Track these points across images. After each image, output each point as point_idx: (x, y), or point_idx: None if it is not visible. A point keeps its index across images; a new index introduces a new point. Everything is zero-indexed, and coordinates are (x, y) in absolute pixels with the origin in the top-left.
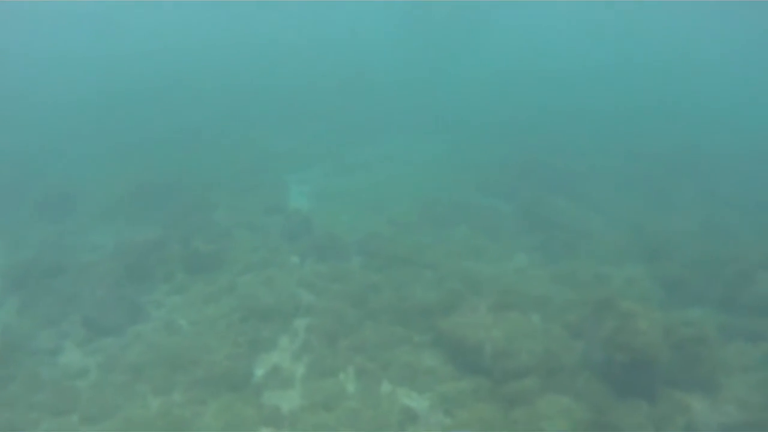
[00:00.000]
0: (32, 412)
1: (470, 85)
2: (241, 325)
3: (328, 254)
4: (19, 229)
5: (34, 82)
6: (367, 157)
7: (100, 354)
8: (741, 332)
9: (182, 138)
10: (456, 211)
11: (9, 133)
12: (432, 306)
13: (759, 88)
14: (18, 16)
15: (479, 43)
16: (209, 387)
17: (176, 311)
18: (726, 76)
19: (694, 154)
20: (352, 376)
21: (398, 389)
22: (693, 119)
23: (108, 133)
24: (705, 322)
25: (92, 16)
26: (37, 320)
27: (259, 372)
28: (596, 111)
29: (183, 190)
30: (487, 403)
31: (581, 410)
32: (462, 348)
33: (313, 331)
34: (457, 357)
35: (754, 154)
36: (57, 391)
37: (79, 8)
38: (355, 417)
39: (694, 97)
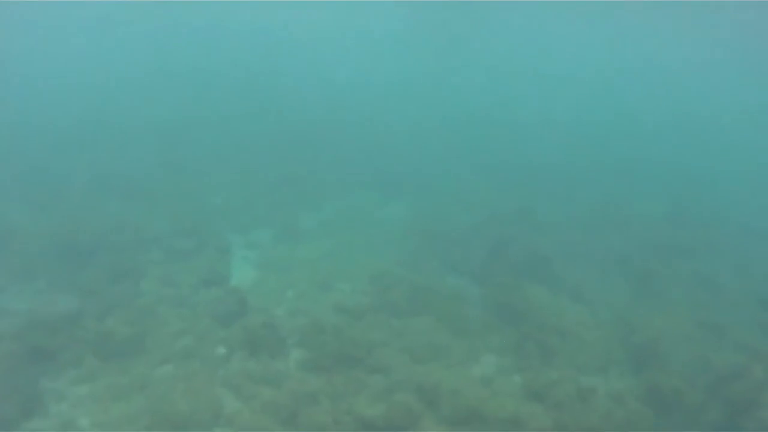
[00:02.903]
0: None
1: (432, 138)
2: None
3: (262, 347)
4: None
5: None
6: (323, 218)
7: None
8: None
9: (116, 188)
10: (416, 295)
11: None
12: (377, 426)
13: None
14: None
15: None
16: None
17: (79, 407)
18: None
19: (689, 228)
20: None
21: None
22: (690, 182)
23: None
24: None
25: None
26: None
27: None
28: (575, 167)
29: (111, 251)
30: None
31: None
32: None
33: None
34: None
35: (756, 232)
36: None
37: None
38: None
39: (695, 155)
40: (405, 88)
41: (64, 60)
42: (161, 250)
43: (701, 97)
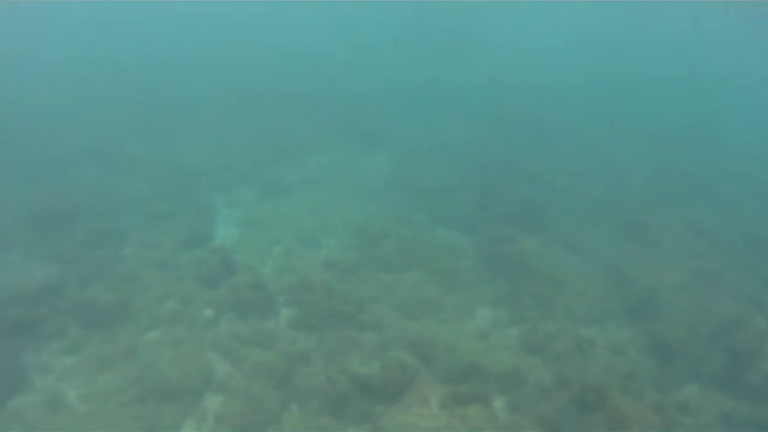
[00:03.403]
0: None
1: (416, 92)
2: (137, 406)
3: (251, 307)
4: None
5: None
6: (306, 173)
7: None
8: (746, 422)
9: (91, 155)
10: (405, 248)
11: None
12: (372, 385)
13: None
14: None
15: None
16: None
17: (65, 379)
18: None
19: (676, 175)
20: None
21: None
22: (680, 134)
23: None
24: (705, 407)
25: None
26: None
27: None
28: (561, 114)
29: (89, 217)
30: None
31: None
32: None
33: (224, 418)
34: None
35: (745, 180)
36: None
37: None
38: None
39: (691, 110)
40: (389, 42)
41: (43, 34)
42: (141, 213)
43: (698, 47)
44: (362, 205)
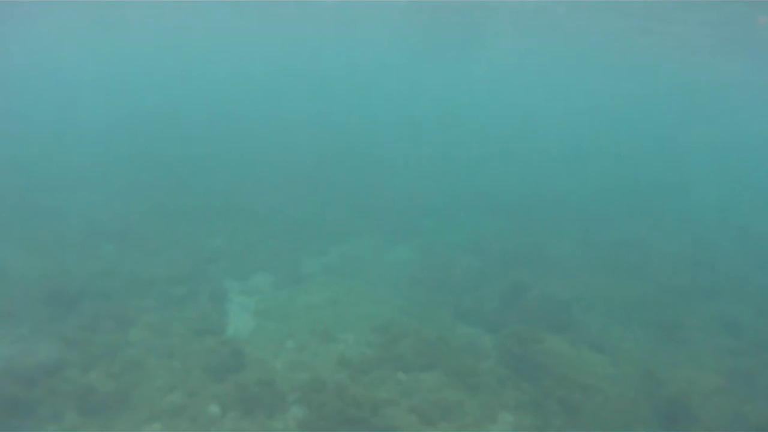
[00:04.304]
0: None
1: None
2: None
3: (258, 405)
4: None
5: None
6: (326, 262)
7: None
8: None
9: (111, 232)
10: (425, 347)
11: None
12: None
13: None
14: None
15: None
16: None
17: None
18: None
19: (708, 266)
20: None
21: None
22: (710, 216)
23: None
24: None
25: None
26: None
27: None
28: (589, 201)
29: (100, 296)
30: None
31: None
32: None
33: None
34: None
35: None
36: None
37: None
38: None
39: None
40: (408, 124)
41: (62, 87)
42: (153, 296)
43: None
44: (382, 299)
